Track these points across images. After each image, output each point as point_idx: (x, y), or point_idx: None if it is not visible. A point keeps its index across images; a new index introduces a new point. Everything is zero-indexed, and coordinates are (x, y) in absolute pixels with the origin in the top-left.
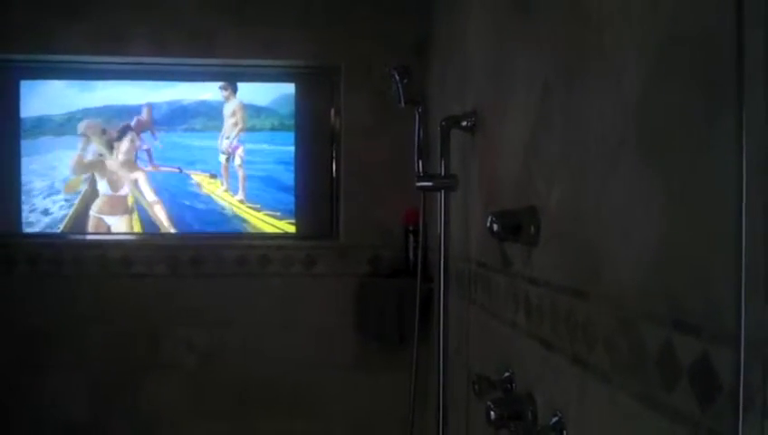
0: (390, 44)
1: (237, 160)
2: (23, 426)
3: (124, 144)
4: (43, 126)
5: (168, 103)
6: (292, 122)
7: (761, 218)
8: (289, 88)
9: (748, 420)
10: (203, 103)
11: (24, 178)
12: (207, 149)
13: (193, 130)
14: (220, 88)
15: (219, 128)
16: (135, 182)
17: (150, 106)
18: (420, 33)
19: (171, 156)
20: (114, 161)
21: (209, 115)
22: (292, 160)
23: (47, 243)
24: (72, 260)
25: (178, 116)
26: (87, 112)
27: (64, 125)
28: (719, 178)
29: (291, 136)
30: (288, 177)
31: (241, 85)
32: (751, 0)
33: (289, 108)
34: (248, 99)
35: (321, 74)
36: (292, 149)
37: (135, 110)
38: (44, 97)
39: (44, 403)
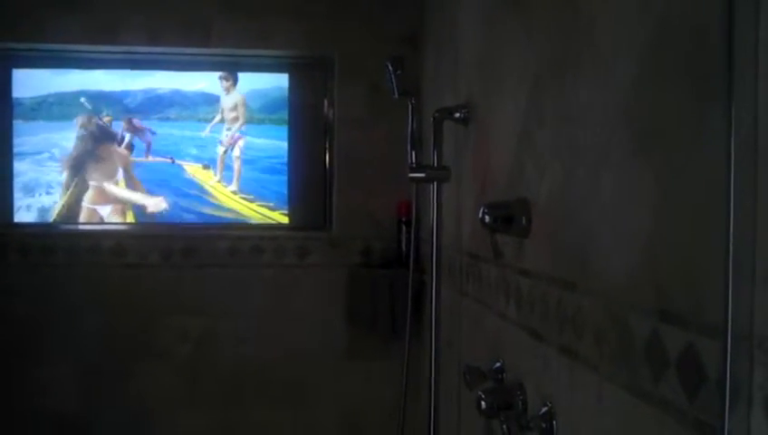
0: (384, 36)
1: (236, 152)
2: (13, 416)
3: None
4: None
5: (144, 92)
6: (262, 116)
7: (747, 212)
8: (262, 83)
9: (734, 410)
10: (177, 93)
11: None
12: (194, 139)
13: (167, 119)
14: (220, 78)
15: (194, 118)
16: (126, 172)
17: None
18: (413, 25)
19: (161, 147)
20: (107, 152)
21: (183, 105)
22: (264, 153)
23: (39, 232)
24: (65, 250)
25: (154, 105)
26: (59, 97)
27: (35, 109)
28: (708, 172)
29: (261, 129)
30: (260, 168)
31: (214, 78)
32: None
33: (260, 102)
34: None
35: (314, 65)
36: (262, 141)
37: (109, 96)
38: (14, 79)
39: (36, 393)
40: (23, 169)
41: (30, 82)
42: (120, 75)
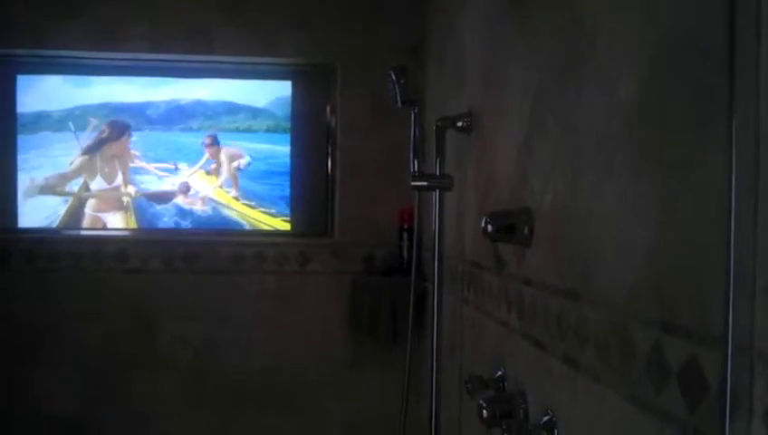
0: (386, 44)
1: (235, 164)
2: (16, 421)
3: (119, 142)
4: (41, 122)
5: (167, 102)
6: (287, 124)
7: (748, 223)
8: (286, 90)
9: (735, 421)
10: (200, 103)
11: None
12: (197, 144)
13: (190, 129)
14: (203, 144)
15: (216, 127)
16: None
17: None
18: (416, 33)
19: (162, 151)
20: (105, 154)
21: (206, 115)
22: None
23: (43, 238)
24: (68, 255)
25: (176, 115)
26: (84, 109)
27: (61, 121)
28: (709, 183)
29: (287, 137)
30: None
31: (239, 85)
32: (743, 9)
33: (286, 110)
34: (246, 100)
35: (317, 72)
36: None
37: (132, 108)
38: (41, 93)
39: (38, 399)
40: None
41: (55, 96)
42: (139, 85)
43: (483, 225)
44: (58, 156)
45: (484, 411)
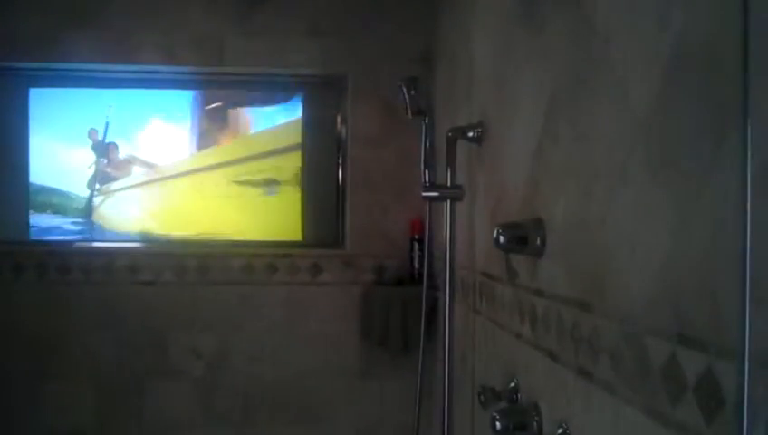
0: (397, 54)
1: None
2: (28, 434)
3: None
4: None
5: None
6: None
7: (765, 232)
8: None
9: (753, 433)
10: None
11: None
12: None
13: None
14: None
15: None
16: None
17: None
18: (427, 44)
19: None
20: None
21: None
22: None
23: (54, 250)
24: (80, 268)
25: None
26: None
27: None
28: (725, 192)
29: None
30: None
31: None
32: (757, 14)
33: None
34: None
35: (327, 83)
36: None
37: None
38: None
39: (50, 411)
40: None
41: None
42: None
43: (495, 236)
44: None
45: (498, 423)
